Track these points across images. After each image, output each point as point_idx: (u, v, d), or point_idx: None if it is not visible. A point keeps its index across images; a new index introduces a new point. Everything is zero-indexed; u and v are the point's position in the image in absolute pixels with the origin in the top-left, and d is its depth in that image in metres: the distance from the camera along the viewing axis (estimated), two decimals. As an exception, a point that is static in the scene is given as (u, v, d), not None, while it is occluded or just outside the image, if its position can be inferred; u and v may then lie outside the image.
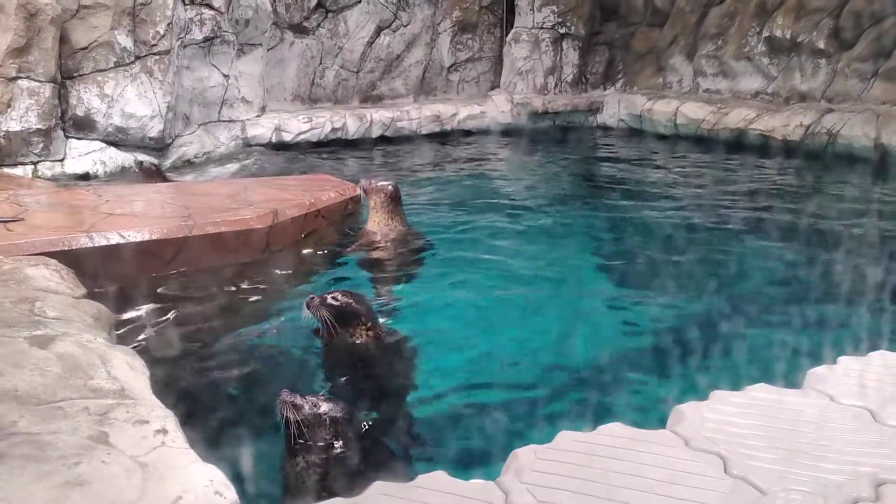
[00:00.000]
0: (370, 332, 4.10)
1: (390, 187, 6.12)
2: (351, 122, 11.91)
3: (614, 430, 2.61)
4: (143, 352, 3.42)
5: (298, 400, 3.06)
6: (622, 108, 13.90)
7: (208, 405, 3.77)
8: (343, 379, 4.01)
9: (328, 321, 3.94)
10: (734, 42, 12.92)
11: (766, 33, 12.38)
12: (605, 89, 14.77)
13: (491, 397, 4.06)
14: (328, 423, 3.04)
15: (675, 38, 14.02)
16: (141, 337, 4.33)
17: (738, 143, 11.55)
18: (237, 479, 2.23)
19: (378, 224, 6.09)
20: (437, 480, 2.32)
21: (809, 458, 2.45)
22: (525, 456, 2.43)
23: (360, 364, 4.07)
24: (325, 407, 3.08)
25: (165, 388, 2.99)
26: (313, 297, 4.06)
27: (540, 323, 5.13)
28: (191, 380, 4.04)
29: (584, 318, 5.22)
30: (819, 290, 5.55)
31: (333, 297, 4.06)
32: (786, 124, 11.21)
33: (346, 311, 4.03)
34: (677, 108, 12.74)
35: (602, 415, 3.45)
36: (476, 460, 3.31)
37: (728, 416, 2.70)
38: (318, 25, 12.48)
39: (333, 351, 4.11)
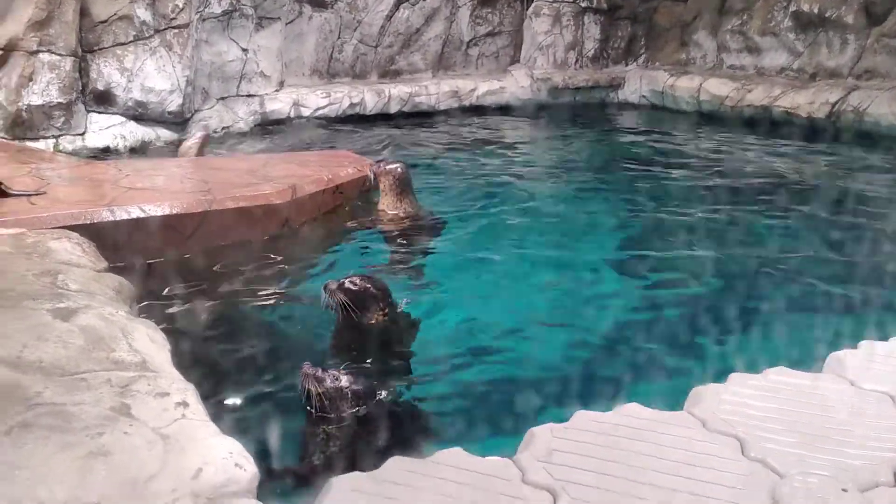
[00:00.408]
0: (386, 315, 4.12)
1: (399, 170, 6.23)
2: (369, 97, 11.86)
3: (631, 411, 2.61)
4: (163, 325, 3.45)
5: (320, 373, 3.09)
6: (644, 84, 13.70)
7: (227, 378, 3.81)
8: (354, 356, 4.03)
9: (347, 305, 3.94)
10: (760, 17, 12.64)
11: (792, 8, 12.10)
12: (626, 65, 14.55)
13: (506, 375, 4.07)
14: (349, 396, 3.08)
15: (700, 12, 13.75)
16: (161, 310, 4.38)
17: (761, 121, 11.36)
18: (256, 451, 2.25)
19: (388, 205, 6.21)
20: (454, 456, 2.34)
21: (829, 443, 2.43)
22: (542, 434, 2.44)
23: (370, 344, 4.08)
24: (346, 380, 3.12)
25: (185, 361, 3.02)
26: (330, 282, 4.05)
27: (556, 301, 5.11)
28: (210, 353, 4.09)
29: (602, 297, 5.20)
30: (844, 272, 5.47)
31: (351, 282, 4.04)
32: (811, 101, 10.99)
33: (365, 296, 4.03)
34: (700, 85, 12.53)
35: (619, 395, 3.44)
36: (493, 438, 3.33)
37: (746, 398, 2.69)
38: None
39: (344, 331, 4.12)
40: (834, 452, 2.38)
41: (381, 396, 3.37)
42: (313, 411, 3.05)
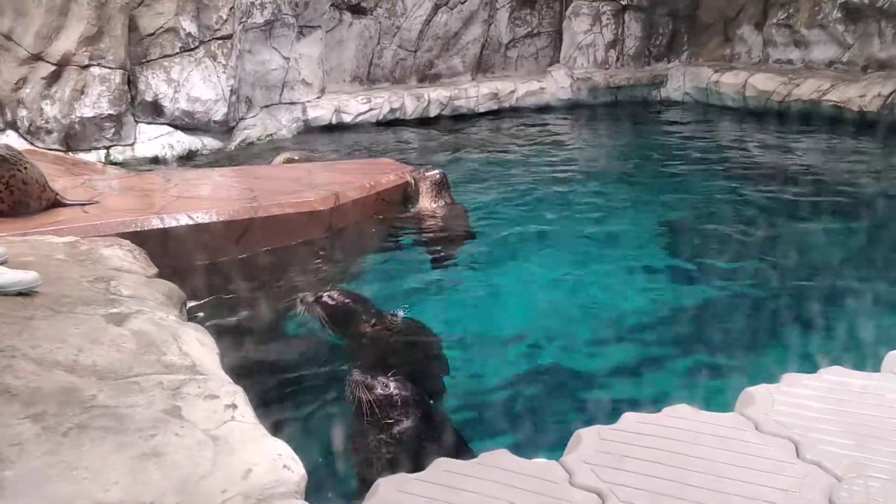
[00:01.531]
0: (376, 327, 4.09)
1: (437, 175, 6.57)
2: (409, 101, 11.92)
3: (680, 412, 2.56)
4: (211, 328, 3.51)
5: (370, 380, 3.09)
6: (687, 81, 13.48)
7: (274, 381, 3.87)
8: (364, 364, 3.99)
9: (323, 319, 3.99)
10: (807, 9, 12.33)
11: (841, -1, 11.77)
12: (668, 62, 14.34)
13: (552, 377, 4.04)
14: (398, 402, 3.08)
15: (744, 7, 13.47)
16: (209, 314, 4.47)
17: (810, 115, 11.06)
18: (302, 453, 2.27)
19: (426, 206, 6.52)
20: (499, 458, 2.33)
21: (887, 444, 2.35)
22: (589, 436, 2.41)
23: (367, 353, 4.03)
24: (395, 387, 3.12)
25: (233, 364, 3.08)
26: (307, 294, 4.09)
27: (601, 301, 5.05)
28: (256, 355, 4.15)
29: (648, 297, 5.12)
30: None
31: (329, 296, 4.09)
32: (862, 94, 10.65)
33: (342, 310, 4.06)
34: (746, 80, 12.27)
35: (666, 396, 3.38)
36: (538, 440, 3.30)
37: (800, 399, 2.61)
38: (376, 5, 12.48)
39: (352, 340, 4.12)
40: (893, 455, 2.29)
41: (430, 401, 3.35)
42: (364, 418, 3.05)
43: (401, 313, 4.32)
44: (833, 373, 2.80)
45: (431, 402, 3.49)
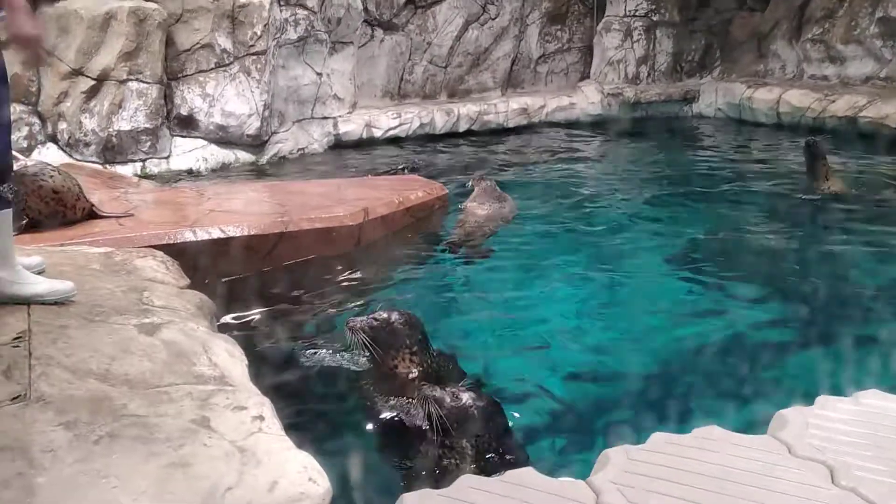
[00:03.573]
0: (414, 359, 3.62)
1: (487, 183, 7.61)
2: (438, 116, 11.99)
3: (711, 433, 2.51)
4: (240, 340, 3.55)
5: (439, 393, 2.97)
6: (720, 97, 13.35)
7: (301, 393, 3.88)
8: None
9: (368, 345, 3.57)
10: (843, 24, 12.16)
11: (879, 14, 11.59)
12: (701, 77, 14.23)
13: (579, 395, 3.99)
14: (474, 415, 2.95)
15: (778, 22, 13.33)
16: (239, 325, 4.51)
17: (846, 132, 10.86)
18: (327, 467, 2.27)
19: (476, 205, 7.30)
20: (525, 476, 2.31)
21: (928, 471, 2.27)
22: (616, 456, 2.37)
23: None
24: (468, 398, 2.98)
25: (261, 376, 3.10)
26: (354, 320, 3.65)
27: (630, 319, 5.00)
28: (284, 368, 4.17)
29: (678, 316, 5.05)
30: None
31: (373, 318, 3.62)
32: (901, 111, 10.46)
33: (387, 333, 3.59)
34: (780, 96, 12.11)
35: (696, 417, 3.32)
36: (564, 459, 3.26)
37: (835, 422, 2.55)
38: (408, 22, 12.62)
39: (374, 377, 3.75)
40: (934, 482, 2.22)
41: (504, 413, 3.16)
42: (436, 434, 2.93)
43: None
44: (869, 396, 2.73)
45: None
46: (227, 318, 4.50)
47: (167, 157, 9.16)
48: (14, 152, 3.45)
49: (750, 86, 12.87)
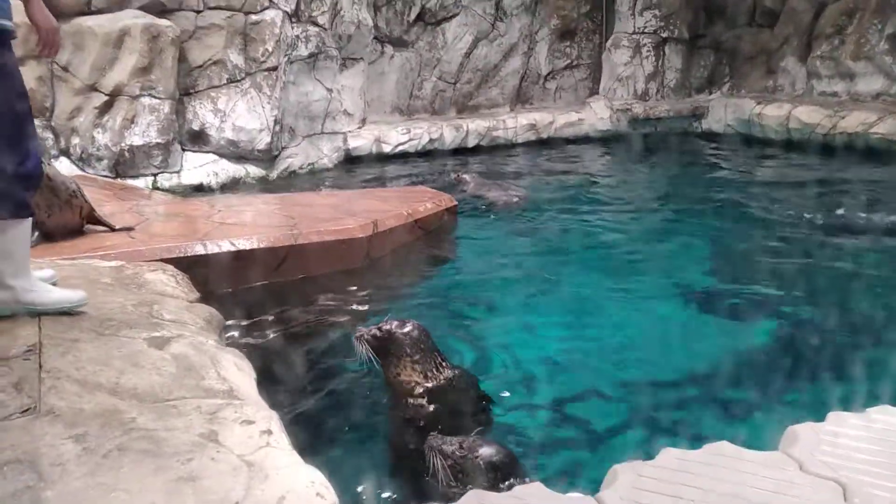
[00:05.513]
0: (416, 367, 3.57)
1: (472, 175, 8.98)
2: (447, 132, 12.04)
3: (721, 449, 2.49)
4: (248, 353, 3.56)
5: (446, 445, 2.85)
6: (729, 113, 13.35)
7: (309, 408, 3.88)
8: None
9: (371, 354, 3.56)
10: (852, 41, 12.16)
11: (889, 30, 11.58)
12: (710, 94, 14.25)
13: (588, 410, 3.97)
14: (483, 467, 2.83)
15: (787, 38, 13.35)
16: (248, 339, 4.52)
17: (856, 149, 10.82)
18: (334, 482, 2.27)
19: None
20: (534, 492, 2.29)
21: (942, 490, 2.24)
22: (625, 472, 2.36)
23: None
24: (482, 450, 2.87)
25: (269, 389, 3.10)
26: (360, 329, 3.63)
27: (641, 335, 4.98)
28: (293, 382, 4.17)
29: (689, 331, 5.03)
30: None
31: (377, 327, 3.62)
32: (912, 127, 10.42)
33: (388, 342, 3.59)
34: (790, 112, 12.09)
35: (706, 433, 3.29)
36: (573, 474, 3.24)
37: (847, 439, 2.52)
38: (418, 38, 12.71)
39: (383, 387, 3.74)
40: (949, 501, 2.19)
41: (520, 464, 3.02)
42: (441, 484, 2.82)
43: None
44: (881, 412, 2.70)
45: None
46: (236, 332, 4.51)
47: (178, 172, 9.22)
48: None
49: (759, 102, 12.87)
